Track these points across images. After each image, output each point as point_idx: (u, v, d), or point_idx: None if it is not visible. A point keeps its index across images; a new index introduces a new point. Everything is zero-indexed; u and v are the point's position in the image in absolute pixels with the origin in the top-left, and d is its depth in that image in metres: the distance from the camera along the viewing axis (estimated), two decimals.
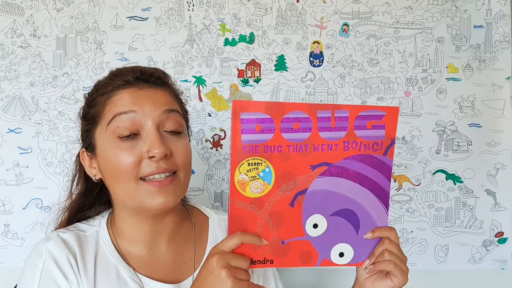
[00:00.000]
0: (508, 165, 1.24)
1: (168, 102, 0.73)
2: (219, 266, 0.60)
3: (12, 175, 1.17)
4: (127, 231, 0.76)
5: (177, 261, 0.78)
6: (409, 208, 1.24)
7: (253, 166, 0.62)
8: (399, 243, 0.68)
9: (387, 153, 0.66)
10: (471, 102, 1.24)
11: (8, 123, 1.18)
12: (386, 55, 1.24)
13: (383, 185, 0.67)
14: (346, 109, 0.63)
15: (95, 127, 0.74)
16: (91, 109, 0.75)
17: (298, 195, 0.65)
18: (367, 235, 0.67)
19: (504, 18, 1.24)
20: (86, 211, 0.83)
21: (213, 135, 1.22)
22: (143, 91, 0.72)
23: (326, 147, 0.64)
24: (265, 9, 1.23)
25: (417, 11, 1.24)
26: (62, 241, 0.73)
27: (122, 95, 0.71)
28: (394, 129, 0.66)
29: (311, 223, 0.66)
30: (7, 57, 1.18)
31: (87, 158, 0.77)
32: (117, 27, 1.20)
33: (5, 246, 1.17)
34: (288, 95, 1.23)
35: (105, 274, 0.73)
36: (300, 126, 0.62)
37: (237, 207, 0.63)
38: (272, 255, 0.65)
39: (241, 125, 0.60)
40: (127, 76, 0.73)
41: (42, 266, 0.70)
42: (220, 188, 1.23)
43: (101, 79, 0.77)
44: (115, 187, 0.72)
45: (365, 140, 0.65)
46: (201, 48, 1.22)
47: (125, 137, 0.69)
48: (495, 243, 1.25)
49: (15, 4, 1.18)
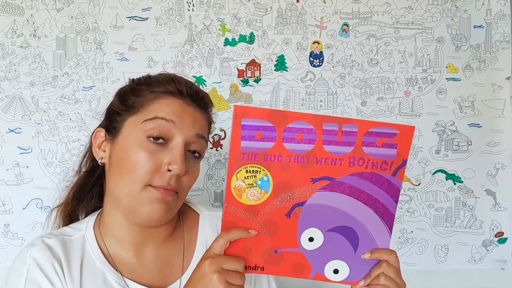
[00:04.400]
0: (508, 165, 1.24)
1: (203, 128, 0.76)
2: (211, 270, 0.60)
3: (12, 175, 1.17)
4: (115, 230, 0.75)
5: (165, 265, 0.77)
6: (409, 208, 1.24)
7: (251, 174, 0.61)
8: (399, 267, 0.66)
9: (397, 174, 0.63)
10: (471, 102, 1.24)
11: (8, 123, 1.18)
12: (386, 55, 1.24)
13: (388, 206, 0.65)
14: (355, 124, 0.61)
15: (129, 116, 0.73)
16: (134, 97, 0.74)
17: (296, 207, 0.63)
18: (365, 256, 0.66)
19: (504, 18, 1.24)
20: (83, 196, 0.82)
21: (213, 135, 1.22)
22: (190, 108, 0.74)
23: (329, 161, 0.62)
24: (265, 9, 1.23)
25: (417, 11, 1.24)
26: (47, 247, 0.72)
27: (170, 101, 0.72)
28: (407, 149, 0.63)
29: (307, 236, 0.64)
30: (7, 57, 1.18)
31: (101, 138, 0.76)
32: (117, 27, 1.20)
33: (5, 246, 1.17)
34: (288, 95, 1.23)
35: (91, 280, 0.72)
36: (303, 137, 0.61)
37: (232, 213, 0.62)
38: (264, 262, 0.64)
39: (242, 131, 0.59)
40: (181, 87, 0.74)
41: (27, 273, 0.69)
42: (220, 188, 1.23)
43: (154, 75, 0.78)
44: (118, 181, 0.71)
45: (373, 158, 0.62)
46: (201, 48, 1.22)
47: (154, 140, 0.70)
48: (495, 243, 1.25)
49: (15, 4, 1.18)
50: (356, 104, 1.23)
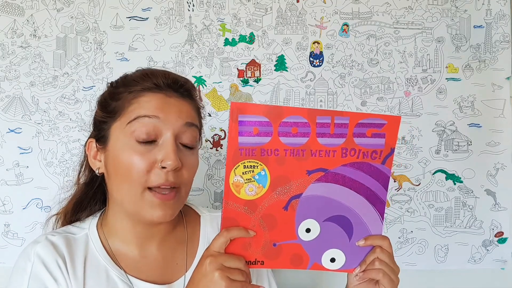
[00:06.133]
0: (508, 165, 1.24)
1: (190, 115, 0.73)
2: (212, 269, 0.60)
3: (12, 175, 1.17)
4: (119, 230, 0.76)
5: (168, 262, 0.78)
6: (409, 208, 1.24)
7: (248, 169, 0.62)
8: (392, 252, 0.68)
9: (385, 162, 0.66)
10: (471, 102, 1.24)
11: (8, 123, 1.18)
12: (386, 55, 1.24)
13: (379, 194, 0.67)
14: (346, 116, 0.63)
15: (113, 122, 0.72)
16: (114, 102, 0.73)
17: (293, 199, 0.64)
18: (359, 243, 0.67)
19: (504, 18, 1.24)
20: (85, 205, 0.82)
21: (213, 135, 1.22)
22: (171, 99, 0.72)
23: (323, 153, 0.63)
24: (265, 9, 1.23)
25: (417, 11, 1.24)
26: (51, 244, 0.72)
27: (149, 98, 0.71)
28: (395, 138, 0.65)
29: (304, 228, 0.66)
30: (7, 57, 1.18)
31: (93, 149, 0.76)
32: (117, 27, 1.20)
33: (5, 246, 1.17)
34: (288, 95, 1.23)
35: (95, 277, 0.72)
36: (298, 131, 0.62)
37: (231, 209, 0.63)
38: (263, 257, 0.65)
39: (239, 127, 0.60)
40: (158, 80, 0.72)
41: (31, 270, 0.70)
42: (220, 188, 1.23)
43: (130, 74, 0.76)
44: (119, 188, 0.71)
45: (364, 148, 0.64)
46: (201, 48, 1.22)
47: (142, 141, 0.69)
48: (495, 243, 1.25)
49: (15, 4, 1.18)
50: (356, 104, 1.24)
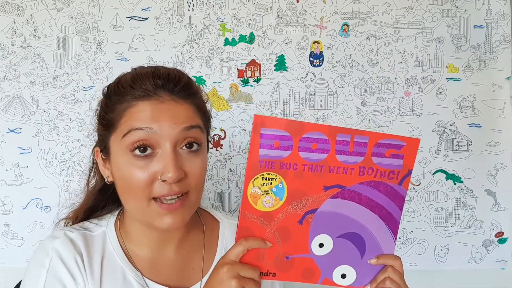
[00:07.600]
0: (508, 165, 1.24)
1: (188, 118, 0.68)
2: (229, 277, 0.60)
3: (12, 175, 1.17)
4: (135, 234, 0.75)
5: (185, 266, 0.77)
6: (409, 208, 1.24)
7: (267, 181, 0.63)
8: (403, 273, 0.68)
9: (402, 183, 0.67)
10: (471, 102, 1.24)
11: (8, 123, 1.18)
12: (386, 55, 1.24)
13: (393, 214, 0.68)
14: (366, 135, 0.64)
15: (110, 134, 0.70)
16: (108, 114, 0.70)
17: (308, 214, 0.65)
18: (371, 261, 0.68)
19: (504, 18, 1.24)
20: (98, 211, 0.80)
21: (213, 135, 1.22)
22: (163, 105, 0.66)
23: (341, 170, 0.64)
24: (265, 9, 1.23)
25: (417, 11, 1.24)
26: (70, 240, 0.71)
27: (140, 107, 0.66)
28: (413, 160, 0.66)
29: (317, 242, 0.66)
30: (7, 57, 1.18)
31: (101, 158, 0.74)
32: (117, 27, 1.20)
33: (5, 246, 1.17)
34: (288, 95, 1.23)
35: (111, 277, 0.72)
36: (318, 147, 0.63)
37: (247, 219, 0.64)
38: (276, 269, 0.66)
39: (260, 140, 0.61)
40: (147, 84, 0.67)
41: (49, 265, 0.69)
42: (220, 188, 1.23)
43: (123, 77, 0.71)
44: (125, 198, 0.70)
45: (381, 168, 0.65)
46: (201, 48, 1.22)
47: (140, 153, 0.65)
48: (495, 243, 1.25)
49: (15, 4, 1.18)
50: (356, 104, 1.23)
